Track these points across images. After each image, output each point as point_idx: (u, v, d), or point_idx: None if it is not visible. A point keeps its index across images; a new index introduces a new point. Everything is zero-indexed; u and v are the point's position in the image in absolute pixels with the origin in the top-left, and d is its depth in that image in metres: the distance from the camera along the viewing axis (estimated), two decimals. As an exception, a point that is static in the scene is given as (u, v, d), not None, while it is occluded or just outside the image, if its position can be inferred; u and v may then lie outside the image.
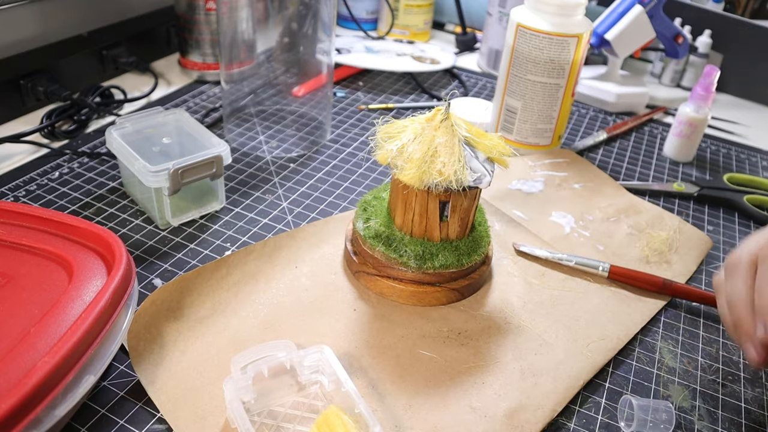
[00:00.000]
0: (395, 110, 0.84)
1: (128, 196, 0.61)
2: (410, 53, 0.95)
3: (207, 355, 0.44)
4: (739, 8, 1.17)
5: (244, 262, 0.52)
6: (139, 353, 0.43)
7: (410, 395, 0.43)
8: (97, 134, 0.71)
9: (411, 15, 1.06)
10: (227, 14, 0.70)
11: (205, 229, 0.57)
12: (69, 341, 0.35)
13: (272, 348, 0.42)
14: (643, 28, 0.85)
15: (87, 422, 0.40)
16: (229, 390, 0.38)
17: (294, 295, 0.50)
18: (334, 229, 0.58)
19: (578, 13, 0.67)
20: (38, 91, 0.73)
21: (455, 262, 0.50)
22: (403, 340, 0.47)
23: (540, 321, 0.50)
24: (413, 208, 0.49)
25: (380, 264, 0.51)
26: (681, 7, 1.00)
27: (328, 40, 0.71)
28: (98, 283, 0.41)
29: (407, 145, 0.47)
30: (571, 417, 0.44)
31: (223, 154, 0.56)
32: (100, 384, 0.42)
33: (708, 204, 0.71)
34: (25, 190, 0.60)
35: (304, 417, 0.41)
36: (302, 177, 0.67)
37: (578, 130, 0.84)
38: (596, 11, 0.99)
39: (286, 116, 0.78)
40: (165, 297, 0.47)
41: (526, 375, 0.45)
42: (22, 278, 0.41)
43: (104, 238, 0.43)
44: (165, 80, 0.86)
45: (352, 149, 0.73)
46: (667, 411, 0.43)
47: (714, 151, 0.83)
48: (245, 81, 0.78)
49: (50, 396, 0.34)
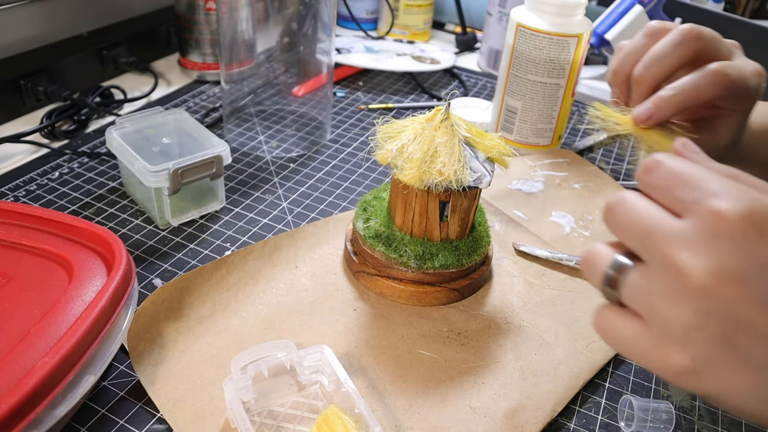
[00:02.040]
0: (395, 110, 0.84)
1: (128, 196, 0.61)
2: (410, 53, 0.95)
3: (207, 355, 0.44)
4: (739, 8, 1.17)
5: (244, 262, 0.52)
6: (139, 353, 0.43)
7: (410, 395, 0.43)
8: (97, 134, 0.71)
9: (411, 15, 1.06)
10: (227, 14, 0.70)
11: (205, 229, 0.57)
12: (69, 341, 0.35)
13: (272, 348, 0.42)
14: (643, 28, 0.85)
15: (87, 422, 0.40)
16: (229, 390, 0.38)
17: (294, 295, 0.50)
18: (334, 229, 0.58)
19: (578, 13, 0.67)
20: (38, 91, 0.73)
21: (455, 262, 0.50)
22: (403, 340, 0.47)
23: (540, 321, 0.50)
24: (413, 208, 0.49)
25: (380, 264, 0.51)
26: (681, 7, 1.00)
27: (328, 40, 0.71)
28: (98, 283, 0.41)
29: (407, 145, 0.47)
30: (571, 417, 0.44)
31: (223, 154, 0.56)
32: (100, 384, 0.42)
33: (708, 204, 0.71)
34: (25, 190, 0.60)
35: (304, 417, 0.41)
36: (302, 177, 0.67)
37: (578, 130, 0.84)
38: (596, 11, 0.99)
39: (286, 116, 0.78)
40: (165, 297, 0.47)
41: (526, 375, 0.45)
42: (22, 278, 0.41)
43: (104, 238, 0.43)
44: (165, 80, 0.86)
45: (352, 149, 0.73)
46: (667, 411, 0.43)
47: (714, 151, 0.83)
48: (245, 81, 0.78)
49: (50, 396, 0.34)
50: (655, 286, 0.26)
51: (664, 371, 0.26)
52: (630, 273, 0.27)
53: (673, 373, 0.26)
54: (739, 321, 0.24)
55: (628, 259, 0.28)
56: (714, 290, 0.24)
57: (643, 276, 0.27)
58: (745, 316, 0.24)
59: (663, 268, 0.26)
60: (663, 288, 0.26)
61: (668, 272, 0.25)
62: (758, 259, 0.24)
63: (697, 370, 0.25)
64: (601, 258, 0.29)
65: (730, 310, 0.24)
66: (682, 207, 0.26)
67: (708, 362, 0.25)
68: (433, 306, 0.51)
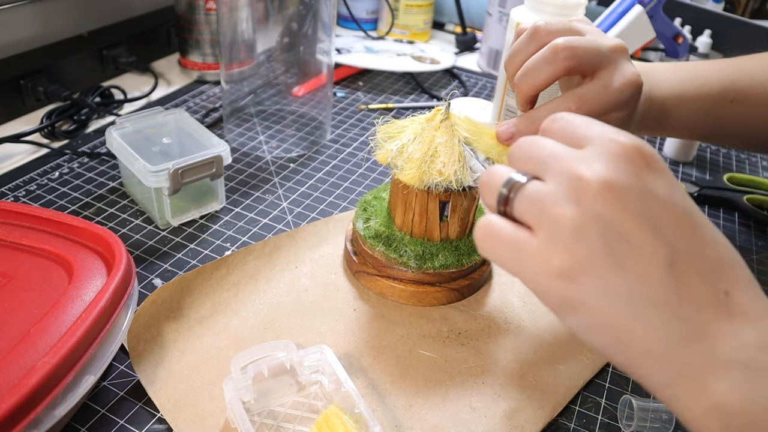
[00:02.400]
0: (395, 110, 0.84)
1: (128, 196, 0.61)
2: (410, 53, 0.95)
3: (207, 355, 0.44)
4: (739, 8, 1.17)
5: (244, 262, 0.52)
6: (139, 353, 0.43)
7: (410, 395, 0.43)
8: (97, 134, 0.71)
9: (411, 15, 1.06)
10: (227, 14, 0.71)
11: (205, 229, 0.57)
12: (69, 341, 0.35)
13: (272, 348, 0.42)
14: (643, 28, 0.85)
15: (87, 422, 0.40)
16: (229, 390, 0.38)
17: (294, 295, 0.50)
18: (334, 229, 0.58)
19: (578, 13, 0.67)
20: (38, 91, 0.73)
21: (455, 262, 0.50)
22: (403, 340, 0.47)
23: (540, 321, 0.50)
24: (413, 208, 0.49)
25: (380, 264, 0.51)
26: (681, 7, 1.00)
27: (328, 40, 0.71)
28: (98, 283, 0.41)
29: (407, 145, 0.47)
30: (571, 417, 0.44)
31: (223, 154, 0.56)
32: (100, 384, 0.42)
33: (708, 204, 0.71)
34: (25, 190, 0.60)
35: (304, 417, 0.41)
36: (302, 177, 0.67)
37: (578, 130, 0.84)
38: (596, 11, 0.99)
39: (286, 116, 0.78)
40: (165, 297, 0.47)
41: (526, 375, 0.45)
42: (22, 278, 0.41)
43: (104, 238, 0.43)
44: (165, 80, 0.86)
45: (352, 149, 0.73)
46: (667, 411, 0.43)
47: (714, 150, 0.83)
48: (245, 81, 0.78)
49: (50, 396, 0.34)
50: (550, 194, 0.28)
51: (541, 275, 0.28)
52: (525, 188, 0.29)
53: (550, 275, 0.27)
54: (621, 231, 0.27)
55: (523, 176, 0.30)
56: (604, 197, 0.27)
57: (538, 187, 0.29)
58: (626, 228, 0.27)
59: (560, 178, 0.28)
60: (557, 194, 0.28)
61: (565, 181, 0.28)
62: (642, 183, 0.27)
63: (575, 274, 0.27)
64: (497, 177, 0.30)
65: (614, 220, 0.27)
66: (585, 141, 0.29)
67: (587, 265, 0.27)
68: (433, 306, 0.51)
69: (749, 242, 0.65)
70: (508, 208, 0.30)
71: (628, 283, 0.26)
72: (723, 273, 0.27)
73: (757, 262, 0.62)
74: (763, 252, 0.64)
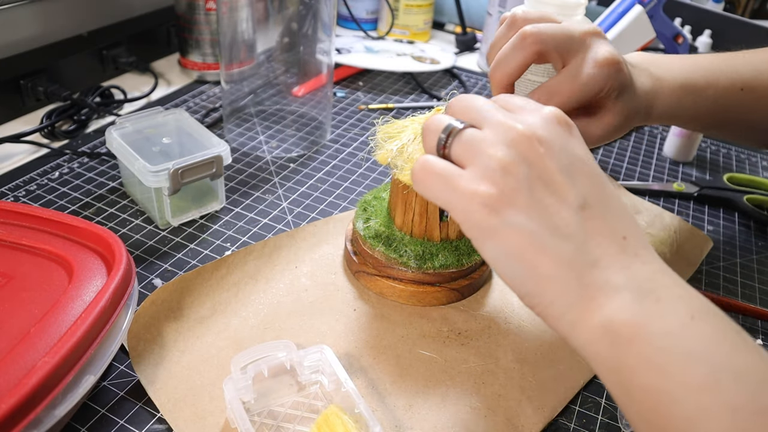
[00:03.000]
0: (395, 110, 0.84)
1: (128, 196, 0.61)
2: (410, 53, 0.95)
3: (207, 355, 0.44)
4: (739, 8, 1.17)
5: (244, 262, 0.52)
6: (139, 353, 0.43)
7: (410, 395, 0.43)
8: (97, 134, 0.71)
9: (411, 15, 1.06)
10: (227, 14, 0.71)
11: (205, 229, 0.57)
12: (69, 341, 0.35)
13: (272, 348, 0.42)
14: (643, 28, 0.85)
15: (87, 422, 0.40)
16: (229, 390, 0.38)
17: (294, 295, 0.50)
18: (334, 229, 0.58)
19: (578, 13, 0.67)
20: (38, 91, 0.73)
21: (455, 262, 0.50)
22: (403, 340, 0.47)
23: (540, 321, 0.50)
24: (413, 208, 0.49)
25: (380, 264, 0.51)
26: (681, 7, 1.00)
27: (328, 40, 0.71)
28: (98, 283, 0.41)
29: (407, 145, 0.47)
30: (571, 417, 0.44)
31: (223, 154, 0.56)
32: (100, 384, 0.42)
33: (708, 204, 0.71)
34: (25, 190, 0.60)
35: (304, 417, 0.41)
36: (302, 177, 0.67)
37: (578, 130, 0.84)
38: (596, 11, 0.99)
39: (286, 116, 0.78)
40: (165, 297, 0.47)
41: (526, 375, 0.45)
42: (22, 278, 0.41)
43: (104, 238, 0.43)
44: (165, 80, 0.86)
45: (352, 149, 0.73)
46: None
47: (714, 150, 0.83)
48: (245, 81, 0.78)
49: (50, 396, 0.34)
50: (486, 139, 0.32)
51: (468, 203, 0.31)
52: (462, 132, 0.33)
53: (476, 203, 0.31)
54: (542, 175, 0.32)
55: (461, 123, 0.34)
56: (533, 146, 0.32)
57: (474, 133, 0.33)
58: (548, 173, 0.32)
59: (497, 127, 0.33)
60: (492, 139, 0.32)
61: (501, 129, 0.32)
62: (565, 142, 0.33)
63: (498, 204, 0.31)
64: (437, 123, 0.34)
65: (539, 166, 0.32)
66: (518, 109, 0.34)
67: (510, 198, 0.31)
68: (433, 306, 0.51)
69: (749, 242, 0.65)
70: (446, 151, 0.34)
71: (541, 218, 0.31)
72: (623, 223, 0.32)
73: (757, 262, 0.62)
74: (763, 252, 0.64)
